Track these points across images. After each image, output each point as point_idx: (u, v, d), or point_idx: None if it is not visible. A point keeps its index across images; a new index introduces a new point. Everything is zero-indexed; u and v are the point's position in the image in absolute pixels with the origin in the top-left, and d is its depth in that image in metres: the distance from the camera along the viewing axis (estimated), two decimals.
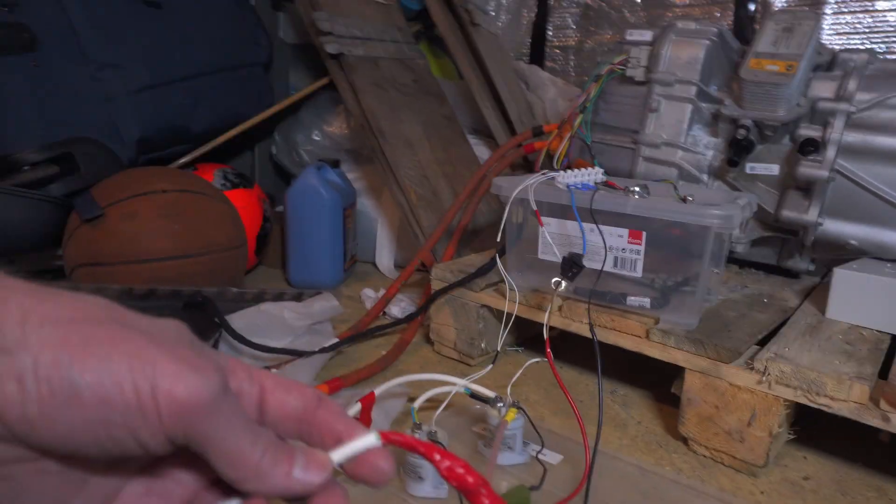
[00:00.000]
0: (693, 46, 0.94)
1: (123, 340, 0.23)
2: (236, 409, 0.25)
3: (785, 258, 0.96)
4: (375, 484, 0.28)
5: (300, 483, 0.26)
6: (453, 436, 0.68)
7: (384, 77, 1.32)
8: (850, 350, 0.67)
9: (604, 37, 1.72)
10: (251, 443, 0.25)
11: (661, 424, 0.77)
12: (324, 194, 1.19)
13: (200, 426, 0.24)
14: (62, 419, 0.22)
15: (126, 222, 0.95)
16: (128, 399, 0.22)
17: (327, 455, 0.27)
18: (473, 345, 0.92)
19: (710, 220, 0.68)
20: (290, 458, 0.26)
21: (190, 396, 0.23)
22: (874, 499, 0.64)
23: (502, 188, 0.81)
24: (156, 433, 0.23)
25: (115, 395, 0.22)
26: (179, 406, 0.23)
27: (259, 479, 0.25)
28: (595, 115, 1.04)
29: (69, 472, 0.25)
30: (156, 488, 0.28)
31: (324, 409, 0.28)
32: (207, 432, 0.24)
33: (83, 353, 0.22)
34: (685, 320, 0.72)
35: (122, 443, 0.23)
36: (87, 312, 0.24)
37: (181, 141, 1.27)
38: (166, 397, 0.23)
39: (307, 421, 0.28)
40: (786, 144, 0.90)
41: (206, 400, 0.23)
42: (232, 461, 0.25)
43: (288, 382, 0.28)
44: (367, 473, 0.28)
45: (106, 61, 1.10)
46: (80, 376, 0.22)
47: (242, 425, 0.25)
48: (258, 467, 0.25)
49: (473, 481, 0.28)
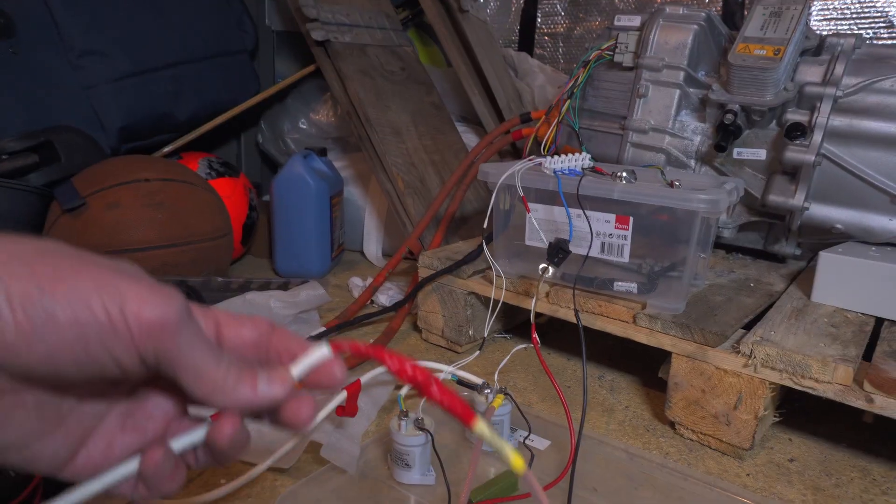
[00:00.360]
0: (681, 31, 0.94)
1: (88, 271, 0.25)
2: (199, 331, 0.27)
3: (771, 243, 0.96)
4: (331, 388, 0.31)
5: (266, 395, 0.28)
6: (441, 423, 0.68)
7: (371, 64, 1.31)
8: (835, 333, 0.68)
9: (593, 23, 1.71)
10: (215, 362, 0.27)
11: (649, 409, 0.77)
12: (310, 183, 1.18)
13: (169, 343, 0.25)
14: (40, 341, 0.23)
15: (108, 212, 0.93)
16: (100, 319, 0.24)
17: (287, 369, 0.29)
18: (461, 332, 0.91)
19: (697, 204, 0.68)
20: (253, 375, 0.28)
21: (156, 316, 0.25)
22: (858, 479, 0.65)
23: (489, 174, 0.80)
24: (129, 349, 0.25)
25: (87, 317, 0.24)
26: (148, 325, 0.25)
27: (227, 394, 0.27)
28: (583, 101, 1.04)
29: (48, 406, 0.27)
30: (129, 424, 0.30)
31: (277, 334, 0.31)
32: (175, 350, 0.26)
33: (53, 282, 0.24)
34: (672, 305, 0.72)
35: (99, 360, 0.25)
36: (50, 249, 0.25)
37: (165, 129, 1.25)
38: (135, 318, 0.25)
39: (263, 346, 0.31)
40: (773, 129, 0.90)
41: (173, 319, 0.25)
42: (199, 378, 0.27)
43: (241, 316, 0.31)
44: (323, 380, 0.30)
45: (86, 48, 1.08)
46: (53, 302, 0.23)
47: (206, 345, 0.27)
48: (224, 384, 0.27)
49: (422, 376, 0.30)
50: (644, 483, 0.60)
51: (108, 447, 0.29)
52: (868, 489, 0.63)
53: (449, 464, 0.61)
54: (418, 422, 0.59)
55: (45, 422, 0.27)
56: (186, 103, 1.25)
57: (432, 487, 0.58)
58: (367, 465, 0.61)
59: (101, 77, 1.10)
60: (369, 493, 0.58)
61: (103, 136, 1.12)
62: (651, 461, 0.63)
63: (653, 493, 0.59)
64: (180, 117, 1.25)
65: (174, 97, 1.23)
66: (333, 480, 0.59)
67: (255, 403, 0.28)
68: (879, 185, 0.82)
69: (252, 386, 0.28)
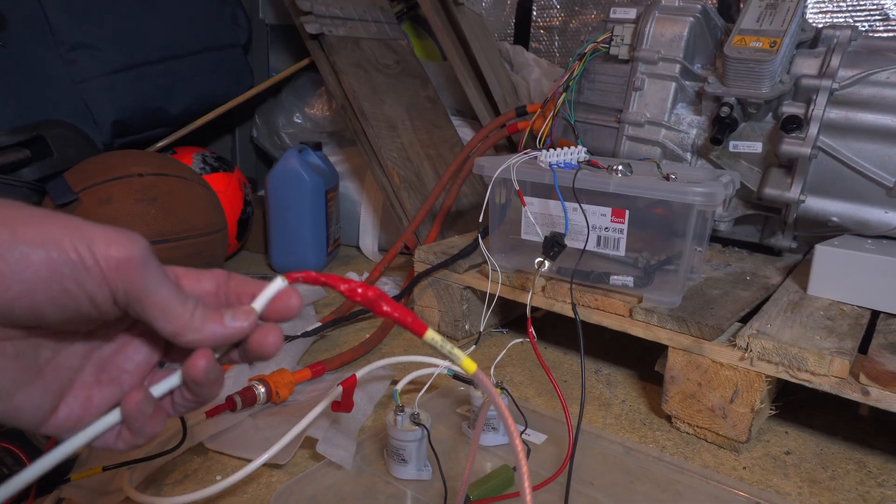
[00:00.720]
0: (677, 24, 0.93)
1: (56, 218, 0.27)
2: (164, 272, 0.29)
3: (768, 236, 0.96)
4: (291, 316, 0.33)
5: (233, 327, 0.31)
6: (437, 417, 0.68)
7: (366, 58, 1.30)
8: (831, 326, 0.68)
9: (589, 16, 1.70)
10: (181, 301, 0.29)
11: (645, 403, 0.77)
12: (305, 177, 1.17)
13: (136, 280, 0.28)
14: (17, 280, 0.25)
15: (101, 207, 0.92)
16: (71, 258, 0.26)
17: (249, 305, 0.32)
18: (457, 326, 0.91)
19: (692, 197, 0.67)
20: (218, 313, 0.31)
21: (122, 254, 0.27)
22: (854, 471, 0.65)
23: (485, 168, 0.80)
24: (101, 286, 0.27)
25: (59, 256, 0.26)
26: (116, 261, 0.27)
27: (197, 330, 0.30)
28: (579, 95, 1.03)
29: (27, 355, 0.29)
30: (105, 378, 0.32)
31: (234, 280, 0.33)
32: (142, 286, 0.28)
33: (24, 227, 0.26)
34: (668, 299, 0.72)
35: (74, 296, 0.27)
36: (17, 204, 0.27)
37: (159, 124, 1.24)
38: (103, 256, 0.27)
39: (222, 294, 0.33)
40: (769, 122, 0.89)
41: (138, 257, 0.28)
42: (167, 315, 0.29)
43: (198, 270, 0.33)
44: (281, 310, 0.32)
45: (77, 42, 1.07)
46: (25, 244, 0.25)
47: (171, 285, 0.29)
48: (192, 321, 0.29)
49: (373, 294, 0.31)
50: (641, 477, 0.60)
51: (86, 400, 0.31)
52: (864, 481, 0.63)
53: (445, 458, 0.61)
54: (414, 417, 0.58)
55: (25, 371, 0.29)
56: (180, 97, 1.24)
57: (429, 482, 0.58)
58: (363, 461, 0.61)
59: (93, 71, 1.09)
60: (365, 488, 0.58)
61: (96, 131, 1.11)
62: (648, 455, 0.63)
63: (650, 486, 0.59)
64: (174, 112, 1.24)
65: (167, 91, 1.22)
66: (329, 476, 0.59)
67: (225, 336, 0.30)
68: (875, 177, 0.82)
69: (219, 321, 0.30)
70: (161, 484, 0.59)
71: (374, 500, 0.56)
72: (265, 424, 0.67)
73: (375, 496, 0.57)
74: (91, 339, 0.32)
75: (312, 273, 0.32)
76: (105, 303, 0.28)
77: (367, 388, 0.74)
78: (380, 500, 0.56)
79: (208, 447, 0.64)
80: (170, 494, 0.57)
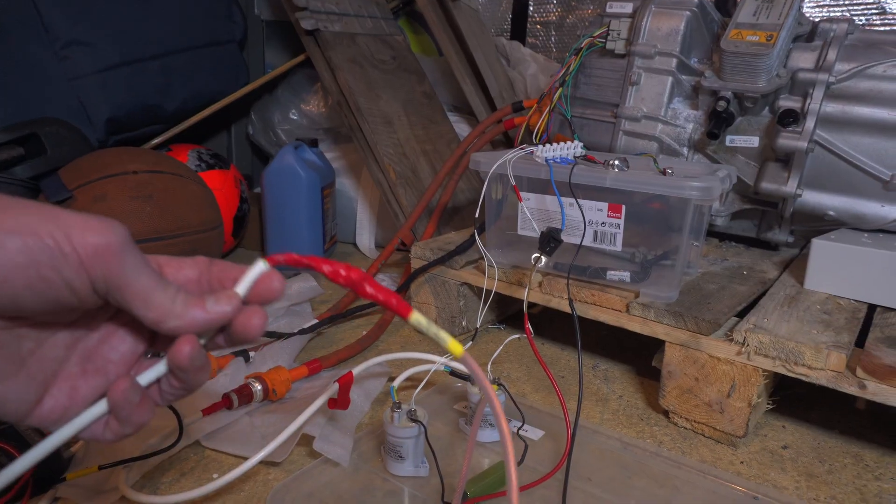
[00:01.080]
0: (673, 18, 0.93)
1: (33, 206, 0.27)
2: (144, 260, 0.29)
3: (764, 230, 0.96)
4: (273, 298, 0.33)
5: (216, 311, 0.30)
6: (434, 414, 0.68)
7: (362, 54, 1.30)
8: (828, 319, 0.68)
9: (585, 12, 1.70)
10: (162, 287, 0.29)
11: (643, 398, 0.77)
12: (301, 174, 1.17)
13: (115, 268, 0.27)
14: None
15: (96, 205, 0.92)
16: (48, 245, 0.26)
17: (232, 290, 0.31)
18: (454, 323, 0.91)
19: (689, 192, 0.67)
20: (200, 299, 0.30)
21: (100, 241, 0.27)
22: (851, 465, 0.65)
23: (481, 164, 0.79)
24: (79, 273, 0.27)
25: (36, 243, 0.26)
26: (94, 248, 0.27)
27: (179, 317, 0.29)
28: (575, 90, 1.03)
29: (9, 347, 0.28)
30: (90, 368, 0.32)
31: (216, 266, 0.33)
32: (121, 274, 0.28)
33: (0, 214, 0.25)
34: (665, 293, 0.72)
35: (53, 284, 0.26)
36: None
37: (154, 121, 1.23)
38: (81, 243, 0.26)
39: (205, 280, 0.32)
40: (765, 116, 0.89)
41: (116, 243, 0.27)
42: (149, 303, 0.29)
43: (180, 258, 0.33)
44: (264, 293, 0.32)
45: (71, 38, 1.06)
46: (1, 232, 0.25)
47: (152, 272, 0.29)
48: (174, 307, 0.29)
49: (356, 276, 0.31)
50: (638, 472, 0.60)
51: (72, 391, 0.31)
52: (861, 475, 0.63)
53: (442, 455, 0.60)
54: (411, 413, 0.58)
55: (8, 362, 0.28)
56: (175, 94, 1.24)
57: (426, 479, 0.58)
58: (360, 458, 0.61)
59: (87, 68, 1.08)
60: (362, 485, 0.58)
61: (90, 128, 1.10)
62: (645, 450, 0.63)
63: (647, 481, 0.59)
64: (169, 108, 1.24)
65: (162, 88, 1.21)
66: (326, 473, 0.58)
67: (207, 321, 0.30)
68: (872, 171, 0.81)
69: (201, 307, 0.30)
70: (157, 482, 0.59)
71: (372, 496, 0.56)
72: (262, 422, 0.67)
73: (372, 493, 0.57)
74: (75, 329, 0.32)
75: (294, 255, 0.32)
76: (84, 290, 0.27)
77: (364, 384, 0.73)
78: (377, 497, 0.56)
79: (205, 445, 0.64)
80: (166, 493, 0.57)
